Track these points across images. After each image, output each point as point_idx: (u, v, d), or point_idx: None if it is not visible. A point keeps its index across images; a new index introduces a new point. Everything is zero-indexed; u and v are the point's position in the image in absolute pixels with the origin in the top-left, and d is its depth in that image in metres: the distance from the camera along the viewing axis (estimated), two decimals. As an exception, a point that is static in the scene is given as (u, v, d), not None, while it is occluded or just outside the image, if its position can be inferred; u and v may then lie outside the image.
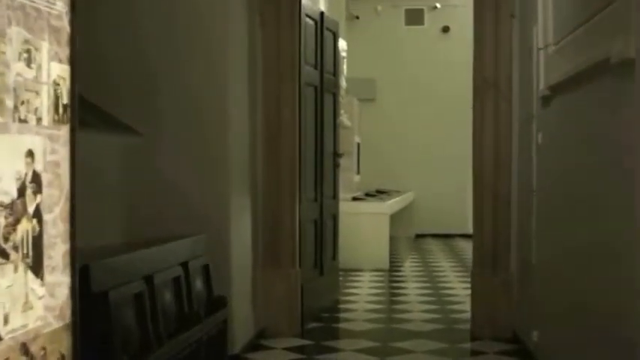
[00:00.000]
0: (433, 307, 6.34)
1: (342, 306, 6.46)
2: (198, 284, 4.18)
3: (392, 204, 9.19)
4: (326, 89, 6.24)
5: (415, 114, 12.46)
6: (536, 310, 4.50)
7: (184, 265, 3.93)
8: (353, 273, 8.25)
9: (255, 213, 5.20)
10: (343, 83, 8.97)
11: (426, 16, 12.49)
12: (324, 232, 6.15)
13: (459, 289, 7.24)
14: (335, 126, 6.57)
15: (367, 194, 10.49)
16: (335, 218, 6.56)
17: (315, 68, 6.01)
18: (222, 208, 4.60)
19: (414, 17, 12.49)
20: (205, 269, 4.29)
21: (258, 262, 5.27)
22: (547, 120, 4.32)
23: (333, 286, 6.56)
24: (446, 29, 12.43)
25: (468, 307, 5.64)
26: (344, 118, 9.13)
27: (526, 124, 4.79)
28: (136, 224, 4.54)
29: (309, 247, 5.80)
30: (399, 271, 8.57)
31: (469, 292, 5.50)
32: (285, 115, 5.33)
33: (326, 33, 6.25)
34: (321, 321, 5.82)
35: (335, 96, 6.57)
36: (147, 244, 3.75)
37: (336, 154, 6.61)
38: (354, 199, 9.48)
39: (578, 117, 3.66)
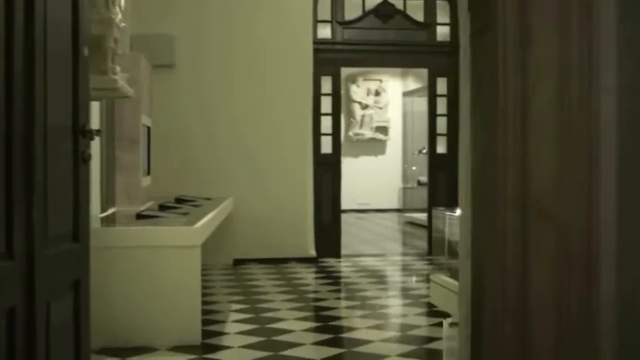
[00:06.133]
0: None
1: None
2: None
3: (205, 226, 5.46)
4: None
5: (233, 88, 8.71)
6: None
7: None
8: (136, 358, 4.50)
9: None
10: (119, 18, 5.11)
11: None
12: (41, 335, 2.35)
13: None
14: (79, 67, 2.78)
15: (163, 206, 6.69)
16: (79, 287, 2.75)
17: None
18: None
19: (230, -49, 8.74)
20: None
21: None
22: None
23: None
24: (275, -31, 8.82)
25: None
26: (120, 79, 5.27)
27: None
28: None
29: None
30: (220, 347, 4.89)
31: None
32: None
33: None
34: None
35: (78, 3, 2.77)
36: None
37: (84, 132, 2.82)
38: (141, 217, 5.68)
39: None
